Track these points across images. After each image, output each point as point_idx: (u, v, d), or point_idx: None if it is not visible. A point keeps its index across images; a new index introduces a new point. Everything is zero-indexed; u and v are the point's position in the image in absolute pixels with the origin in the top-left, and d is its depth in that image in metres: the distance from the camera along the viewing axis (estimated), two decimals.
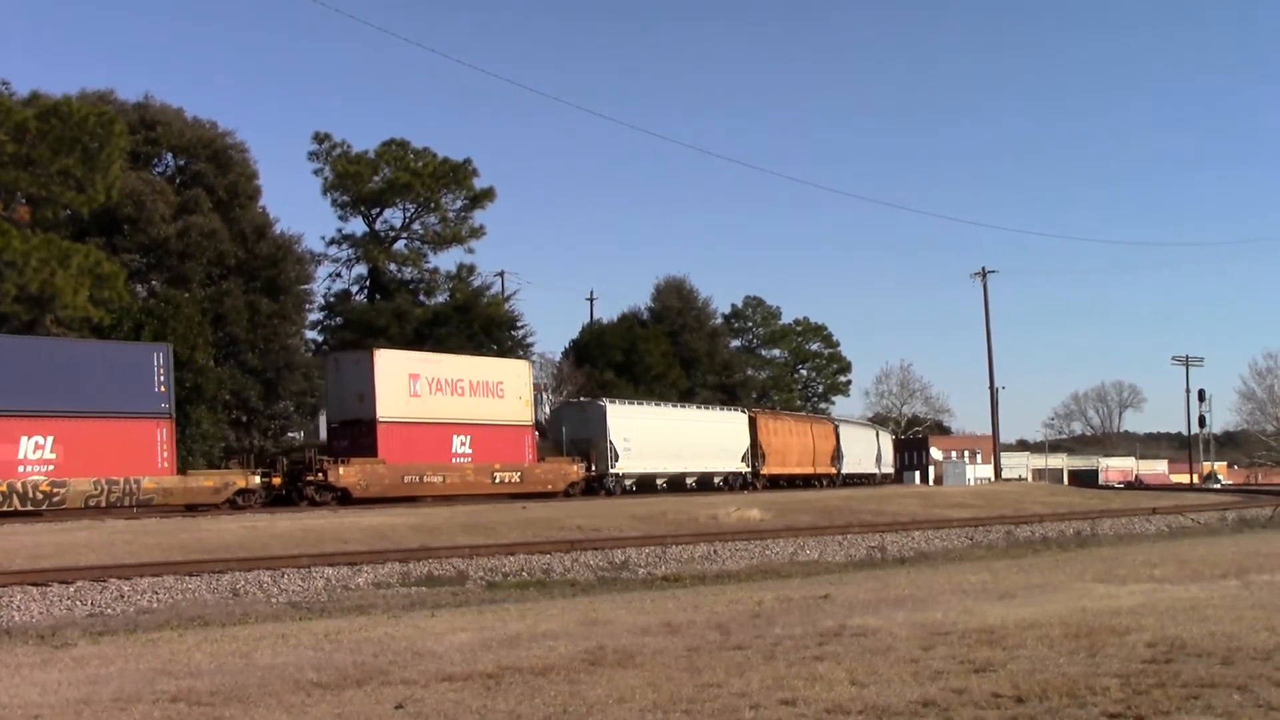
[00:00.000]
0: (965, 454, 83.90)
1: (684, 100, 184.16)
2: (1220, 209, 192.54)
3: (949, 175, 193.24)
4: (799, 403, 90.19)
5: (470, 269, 59.54)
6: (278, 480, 35.24)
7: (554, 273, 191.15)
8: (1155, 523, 36.38)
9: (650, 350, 64.90)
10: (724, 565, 23.29)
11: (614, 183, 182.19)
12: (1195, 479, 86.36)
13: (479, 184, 58.96)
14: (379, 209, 58.96)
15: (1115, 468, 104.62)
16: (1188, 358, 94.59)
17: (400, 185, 57.06)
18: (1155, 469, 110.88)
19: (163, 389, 32.24)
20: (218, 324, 44.17)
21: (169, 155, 48.34)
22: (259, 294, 46.53)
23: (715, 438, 51.90)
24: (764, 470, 54.66)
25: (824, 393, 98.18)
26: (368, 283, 58.72)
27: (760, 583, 17.80)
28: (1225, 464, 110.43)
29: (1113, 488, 74.28)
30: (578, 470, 43.94)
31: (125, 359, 32.48)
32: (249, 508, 33.17)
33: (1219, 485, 77.56)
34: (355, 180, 56.70)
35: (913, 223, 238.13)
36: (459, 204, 59.23)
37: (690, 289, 75.58)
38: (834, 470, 62.60)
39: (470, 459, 39.99)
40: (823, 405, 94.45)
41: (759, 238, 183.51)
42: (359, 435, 37.52)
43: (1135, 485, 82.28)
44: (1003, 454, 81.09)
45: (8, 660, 10.37)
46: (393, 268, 58.63)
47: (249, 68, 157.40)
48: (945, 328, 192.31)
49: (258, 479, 34.59)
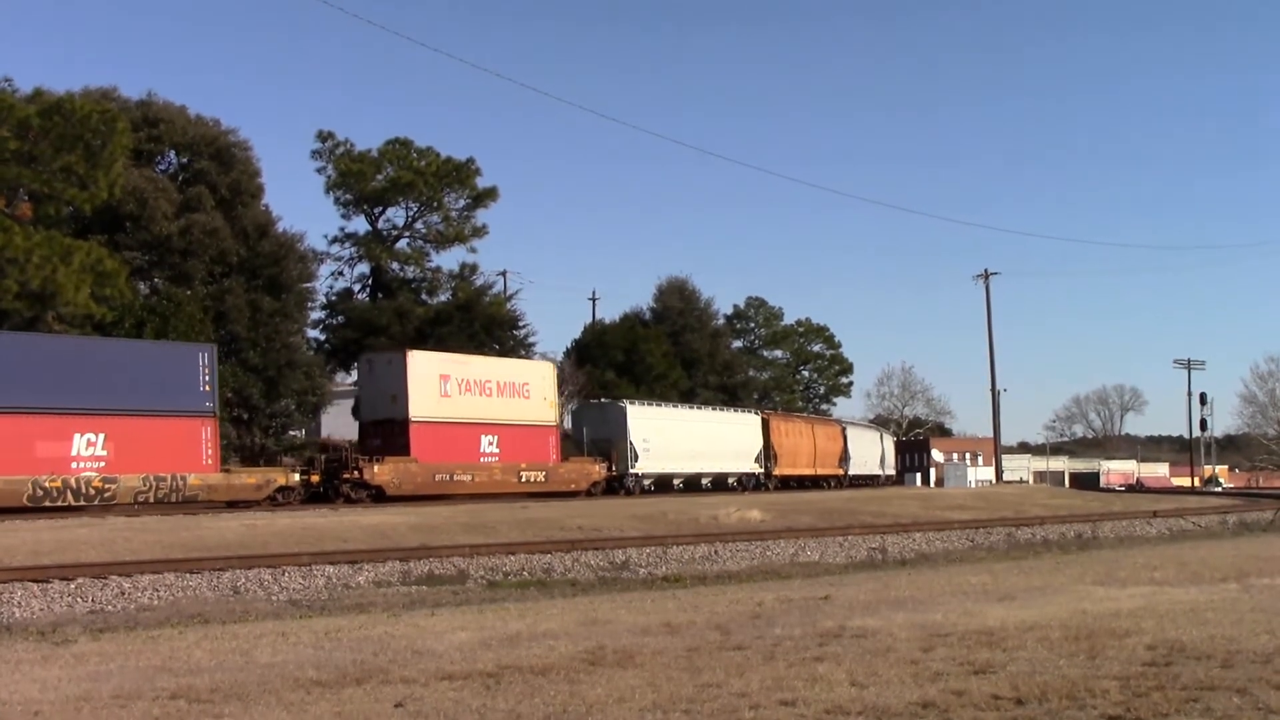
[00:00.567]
0: (966, 456, 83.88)
1: (687, 101, 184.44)
2: (1223, 212, 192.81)
3: (952, 177, 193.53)
4: (800, 404, 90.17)
5: (472, 268, 59.58)
6: (316, 478, 35.91)
7: (556, 272, 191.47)
8: (1156, 526, 36.36)
9: (652, 350, 64.86)
10: (724, 566, 23.29)
11: (617, 183, 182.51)
12: (1196, 482, 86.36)
13: (482, 183, 59.03)
14: (381, 208, 58.97)
15: (1116, 470, 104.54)
16: (1189, 361, 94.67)
17: (403, 184, 57.05)
18: (1156, 472, 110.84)
19: (207, 388, 33.10)
20: (219, 322, 44.16)
21: (171, 153, 48.31)
22: (261, 292, 46.51)
23: (730, 439, 52.56)
24: (776, 471, 55.23)
25: (825, 394, 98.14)
26: (370, 281, 58.72)
27: (761, 583, 17.81)
28: (1226, 467, 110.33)
29: (1114, 490, 74.20)
30: (600, 470, 44.68)
31: (172, 359, 33.43)
32: (288, 504, 33.88)
33: (1220, 489, 77.48)
34: (358, 179, 56.69)
35: (915, 224, 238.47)
36: (461, 203, 59.25)
37: (692, 289, 75.60)
38: (841, 472, 63.13)
39: (498, 458, 40.77)
40: (824, 407, 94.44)
41: (761, 238, 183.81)
42: (391, 434, 38.31)
43: (1136, 488, 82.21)
44: (1004, 456, 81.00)
45: (8, 656, 10.37)
46: (395, 267, 58.63)
47: (252, 66, 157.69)
48: (947, 329, 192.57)
49: (297, 476, 35.38)
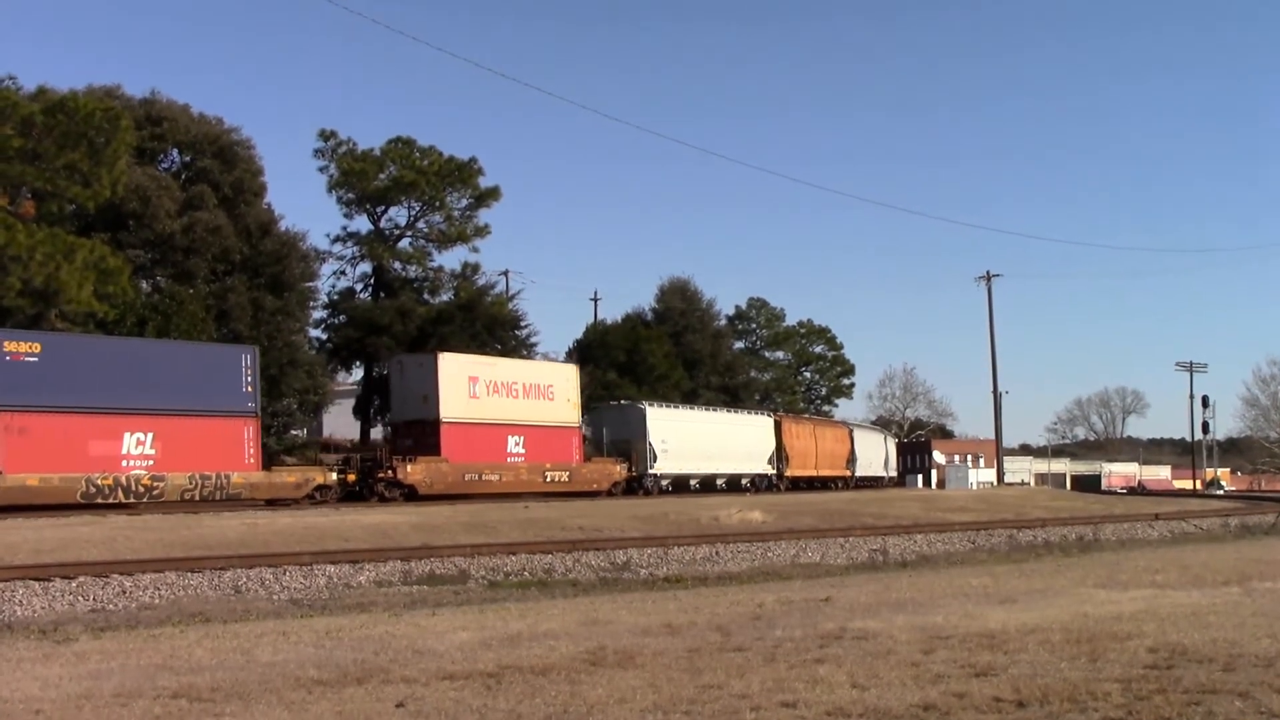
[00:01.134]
0: (968, 458, 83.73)
1: (690, 101, 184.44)
2: (1224, 214, 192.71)
3: (954, 178, 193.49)
4: (802, 405, 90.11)
5: (474, 268, 59.46)
6: (353, 477, 36.78)
7: (558, 272, 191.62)
8: (1158, 528, 36.33)
9: (653, 351, 64.82)
10: (725, 567, 23.28)
11: (619, 183, 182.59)
12: (1198, 485, 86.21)
13: (484, 183, 58.86)
14: (384, 207, 58.87)
15: (1118, 473, 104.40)
16: (1191, 364, 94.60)
17: (405, 183, 56.95)
18: (1158, 474, 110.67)
19: (249, 389, 34.02)
20: (221, 320, 44.17)
21: (174, 151, 48.32)
22: (263, 291, 46.52)
23: (744, 441, 53.41)
24: (787, 472, 56.13)
25: (827, 395, 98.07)
26: (372, 281, 58.62)
27: (761, 585, 17.79)
28: (1228, 470, 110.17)
29: (1115, 493, 74.08)
30: (621, 470, 45.58)
31: (217, 360, 34.49)
32: (325, 502, 34.55)
33: (1222, 491, 77.33)
34: (360, 178, 56.61)
35: (917, 226, 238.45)
36: (464, 203, 59.12)
37: (694, 290, 75.50)
38: (849, 473, 63.82)
39: (524, 458, 41.74)
40: (826, 408, 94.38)
41: (763, 239, 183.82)
42: (423, 434, 39.31)
43: (1138, 491, 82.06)
44: (1005, 458, 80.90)
45: (9, 655, 10.37)
46: (397, 266, 58.52)
47: (255, 64, 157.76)
48: (949, 331, 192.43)
49: (334, 476, 36.15)
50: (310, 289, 52.13)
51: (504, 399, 41.57)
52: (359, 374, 58.31)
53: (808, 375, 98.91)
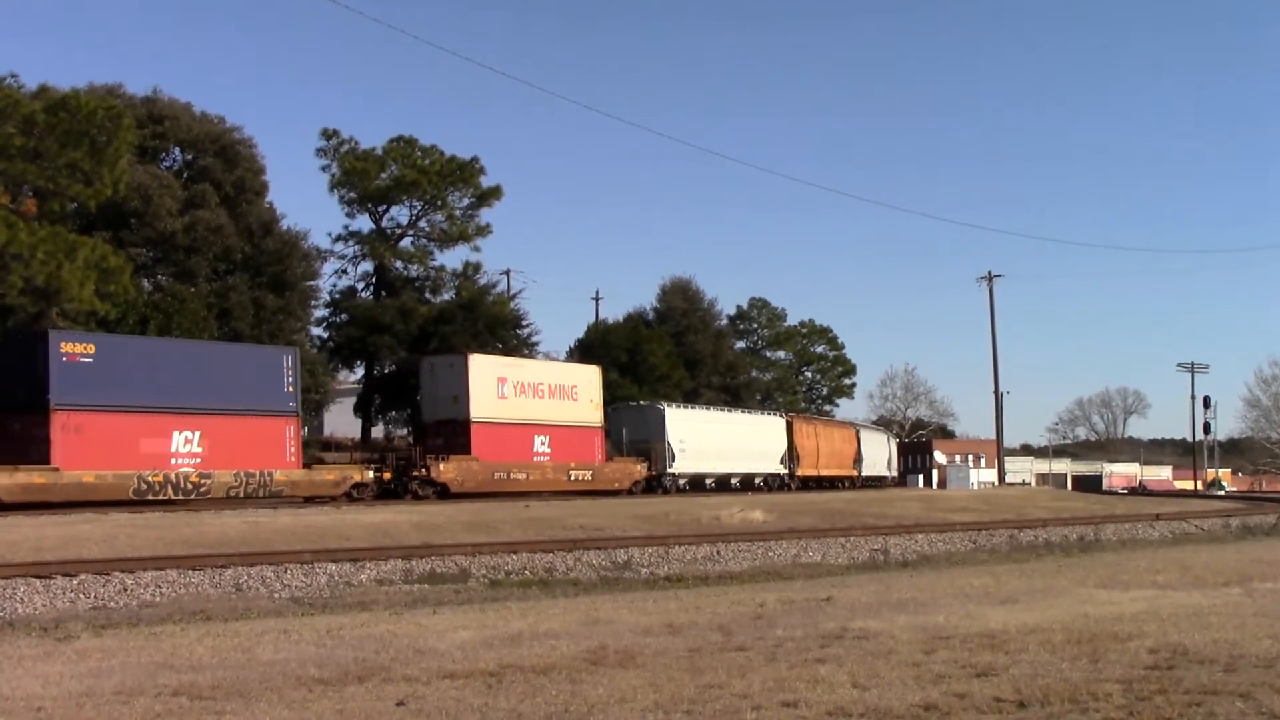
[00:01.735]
0: (969, 458, 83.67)
1: (691, 100, 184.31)
2: (1226, 215, 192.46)
3: (955, 178, 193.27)
4: (803, 405, 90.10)
5: (476, 267, 59.51)
6: (388, 475, 37.65)
7: (560, 272, 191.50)
8: (1159, 529, 36.31)
9: (654, 351, 64.80)
10: (726, 566, 23.28)
11: (621, 183, 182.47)
12: (1199, 485, 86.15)
13: (486, 182, 58.94)
14: (385, 206, 58.90)
15: (1119, 473, 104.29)
16: (1193, 364, 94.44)
17: (407, 182, 57.00)
18: (1159, 475, 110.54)
19: (291, 389, 34.87)
20: (223, 319, 44.20)
21: (176, 150, 48.35)
22: (264, 289, 46.55)
23: (757, 441, 54.39)
24: (798, 472, 56.96)
25: (828, 395, 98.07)
26: (373, 280, 58.67)
27: (762, 584, 17.79)
28: (1229, 471, 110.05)
29: (1116, 493, 74.06)
30: (641, 470, 46.47)
31: (260, 361, 35.46)
32: (362, 500, 35.23)
33: (1223, 492, 77.27)
34: (362, 177, 56.64)
35: (918, 226, 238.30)
36: (465, 202, 59.18)
37: (696, 290, 75.52)
38: (856, 473, 64.61)
39: (549, 457, 42.72)
40: (827, 408, 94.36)
41: (765, 239, 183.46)
42: (453, 434, 40.27)
43: (1139, 491, 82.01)
44: (1006, 458, 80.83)
45: (10, 652, 10.38)
46: (398, 265, 58.57)
47: (257, 63, 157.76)
48: (950, 331, 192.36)
49: (371, 474, 36.97)
50: (311, 288, 52.23)
51: (530, 399, 42.45)
52: (360, 373, 58.39)
53: (809, 375, 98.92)
